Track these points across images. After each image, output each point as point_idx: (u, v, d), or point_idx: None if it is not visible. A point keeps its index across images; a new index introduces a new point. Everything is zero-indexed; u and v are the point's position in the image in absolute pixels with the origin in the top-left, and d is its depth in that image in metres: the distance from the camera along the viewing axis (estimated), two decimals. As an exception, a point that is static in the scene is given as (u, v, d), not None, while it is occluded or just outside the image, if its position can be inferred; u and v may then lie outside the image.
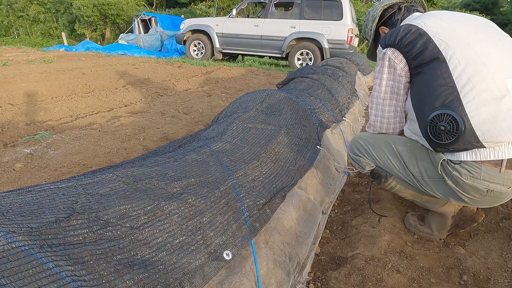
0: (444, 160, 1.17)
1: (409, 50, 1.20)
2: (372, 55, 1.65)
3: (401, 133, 1.43)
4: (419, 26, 1.21)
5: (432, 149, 1.20)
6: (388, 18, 1.49)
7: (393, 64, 1.25)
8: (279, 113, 1.83)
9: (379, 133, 1.39)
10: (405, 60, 1.23)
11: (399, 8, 1.47)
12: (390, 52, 1.25)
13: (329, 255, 1.35)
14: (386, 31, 1.49)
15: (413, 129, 1.27)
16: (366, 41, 1.67)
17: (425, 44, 1.16)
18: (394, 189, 1.44)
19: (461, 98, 1.06)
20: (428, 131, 1.14)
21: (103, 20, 16.92)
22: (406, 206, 1.66)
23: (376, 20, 1.49)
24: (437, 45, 1.14)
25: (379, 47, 1.37)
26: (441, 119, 1.09)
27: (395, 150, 1.34)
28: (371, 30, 1.54)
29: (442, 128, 1.09)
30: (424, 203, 1.44)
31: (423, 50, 1.16)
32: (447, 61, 1.10)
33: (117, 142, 2.42)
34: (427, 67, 1.16)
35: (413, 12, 1.44)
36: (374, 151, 1.40)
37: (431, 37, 1.16)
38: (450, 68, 1.09)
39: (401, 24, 1.31)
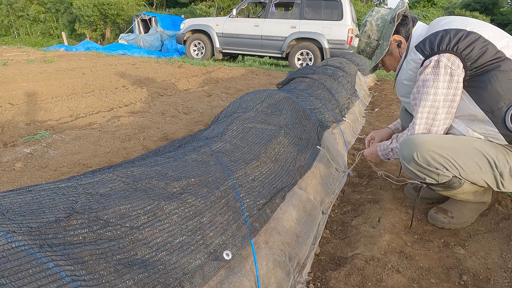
0: None
1: (468, 53, 1.20)
2: (375, 68, 1.61)
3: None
4: (468, 29, 1.21)
5: (508, 143, 1.23)
6: (400, 26, 1.44)
7: (450, 71, 1.23)
8: (279, 113, 1.83)
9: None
10: (462, 65, 1.22)
11: (406, 16, 1.45)
12: (445, 59, 1.23)
13: (329, 255, 1.35)
14: (400, 39, 1.44)
15: (479, 129, 1.26)
16: (369, 51, 1.56)
17: (485, 45, 1.18)
18: (461, 192, 1.35)
19: None
20: (510, 125, 1.16)
21: (103, 20, 16.93)
22: (406, 206, 1.66)
23: (394, 27, 1.42)
24: (496, 45, 1.18)
25: (416, 56, 1.32)
26: None
27: (483, 154, 1.25)
28: (384, 39, 1.46)
29: None
30: (470, 198, 1.41)
31: (484, 52, 1.18)
32: (511, 58, 1.17)
33: (117, 142, 2.42)
34: (490, 67, 1.18)
35: (416, 20, 1.45)
36: (459, 160, 1.26)
37: (486, 38, 1.19)
38: None
39: (439, 30, 1.27)
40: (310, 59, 7.43)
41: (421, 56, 1.30)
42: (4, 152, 2.17)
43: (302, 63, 7.54)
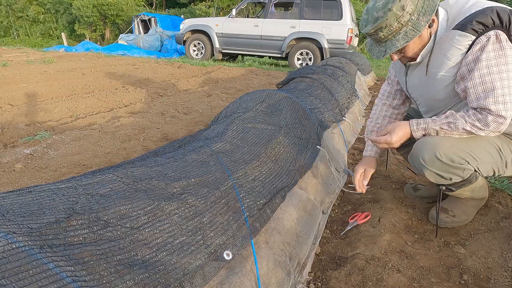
0: None
1: (511, 31, 1.12)
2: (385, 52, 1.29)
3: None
4: (504, 6, 1.14)
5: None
6: None
7: (510, 45, 1.12)
8: (279, 113, 1.83)
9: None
10: (510, 43, 1.13)
11: None
12: (503, 34, 1.12)
13: (329, 255, 1.35)
14: (434, 18, 1.23)
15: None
16: (395, 28, 1.17)
17: None
18: (473, 187, 1.36)
19: None
20: None
21: (103, 20, 16.93)
22: (406, 206, 1.66)
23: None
24: None
25: (463, 38, 1.15)
26: None
27: (492, 144, 1.27)
28: (421, 14, 1.17)
29: None
30: (474, 195, 1.43)
31: None
32: None
33: (117, 142, 2.42)
34: None
35: None
36: (477, 152, 1.26)
37: None
38: None
39: (483, 7, 1.15)
40: (310, 59, 7.43)
41: (471, 36, 1.13)
42: (4, 153, 2.17)
43: (301, 63, 7.54)
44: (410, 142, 1.38)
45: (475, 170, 1.30)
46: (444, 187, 1.37)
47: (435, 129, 1.27)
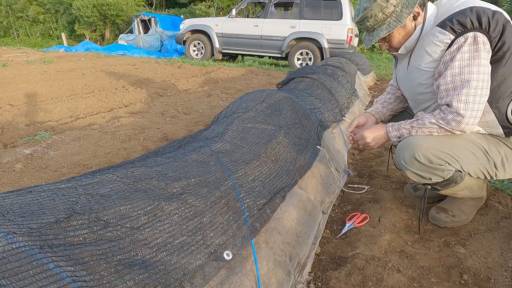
0: None
1: (491, 32, 1.13)
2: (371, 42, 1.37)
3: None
4: (493, 9, 1.14)
5: (505, 136, 1.24)
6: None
7: (488, 48, 1.14)
8: (279, 113, 1.83)
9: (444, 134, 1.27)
10: (489, 45, 1.15)
11: None
12: (482, 35, 1.13)
13: (329, 255, 1.35)
14: (419, 11, 1.29)
15: (481, 120, 1.23)
16: (379, 18, 1.28)
17: (504, 25, 1.12)
18: (462, 187, 1.36)
19: None
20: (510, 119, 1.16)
21: (103, 20, 16.94)
22: (406, 205, 1.66)
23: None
24: None
25: (443, 35, 1.19)
26: None
27: (476, 145, 1.27)
28: (405, 6, 1.25)
29: None
30: (470, 194, 1.43)
31: (502, 32, 1.13)
32: None
33: (117, 142, 2.42)
34: (506, 53, 1.14)
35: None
36: (457, 153, 1.27)
37: (507, 17, 1.13)
38: None
39: (465, 8, 1.17)
40: (310, 59, 7.43)
41: (450, 35, 1.17)
42: (4, 153, 2.17)
43: (301, 63, 7.54)
44: None
45: (459, 171, 1.31)
46: (429, 186, 1.38)
47: (406, 128, 1.34)
